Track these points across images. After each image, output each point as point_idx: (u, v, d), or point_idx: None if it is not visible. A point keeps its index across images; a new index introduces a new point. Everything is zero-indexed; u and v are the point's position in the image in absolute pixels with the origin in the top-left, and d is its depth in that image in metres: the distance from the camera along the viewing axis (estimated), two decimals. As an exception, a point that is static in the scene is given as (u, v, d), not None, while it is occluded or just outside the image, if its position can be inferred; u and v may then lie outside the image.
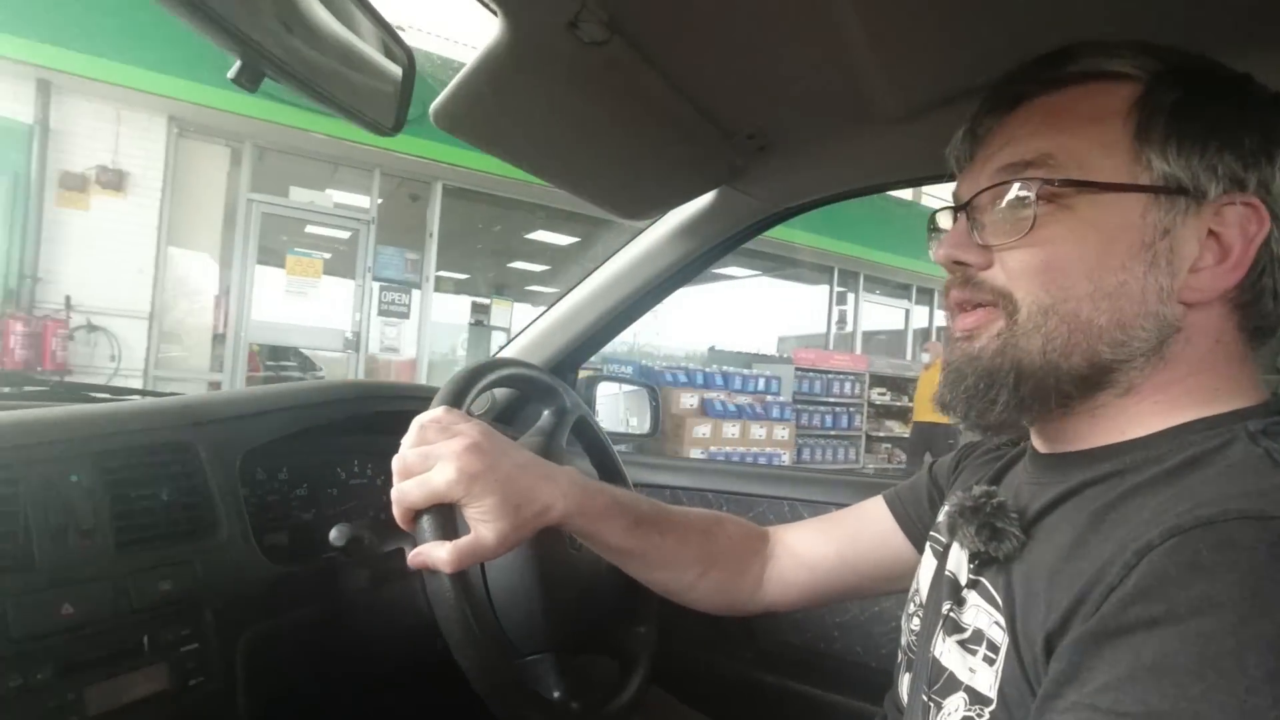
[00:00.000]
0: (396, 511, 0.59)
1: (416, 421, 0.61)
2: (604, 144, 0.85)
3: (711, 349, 8.21)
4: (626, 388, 1.44)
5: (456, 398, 0.69)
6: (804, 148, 0.96)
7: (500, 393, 1.24)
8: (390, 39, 0.63)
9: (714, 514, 0.80)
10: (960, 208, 0.54)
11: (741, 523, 0.81)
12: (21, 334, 5.13)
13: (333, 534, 0.69)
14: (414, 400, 0.97)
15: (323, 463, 0.89)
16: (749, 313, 10.25)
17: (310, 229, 6.85)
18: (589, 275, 1.22)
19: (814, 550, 0.78)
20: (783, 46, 0.71)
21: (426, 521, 0.58)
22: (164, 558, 0.65)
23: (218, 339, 6.13)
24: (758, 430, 6.72)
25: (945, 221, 0.59)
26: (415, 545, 0.58)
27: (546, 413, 0.88)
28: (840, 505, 0.83)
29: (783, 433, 6.95)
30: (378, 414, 0.93)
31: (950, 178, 0.60)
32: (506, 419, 1.24)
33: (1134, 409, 0.49)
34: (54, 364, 5.20)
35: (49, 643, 0.55)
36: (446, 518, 0.58)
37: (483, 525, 0.58)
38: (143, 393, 0.94)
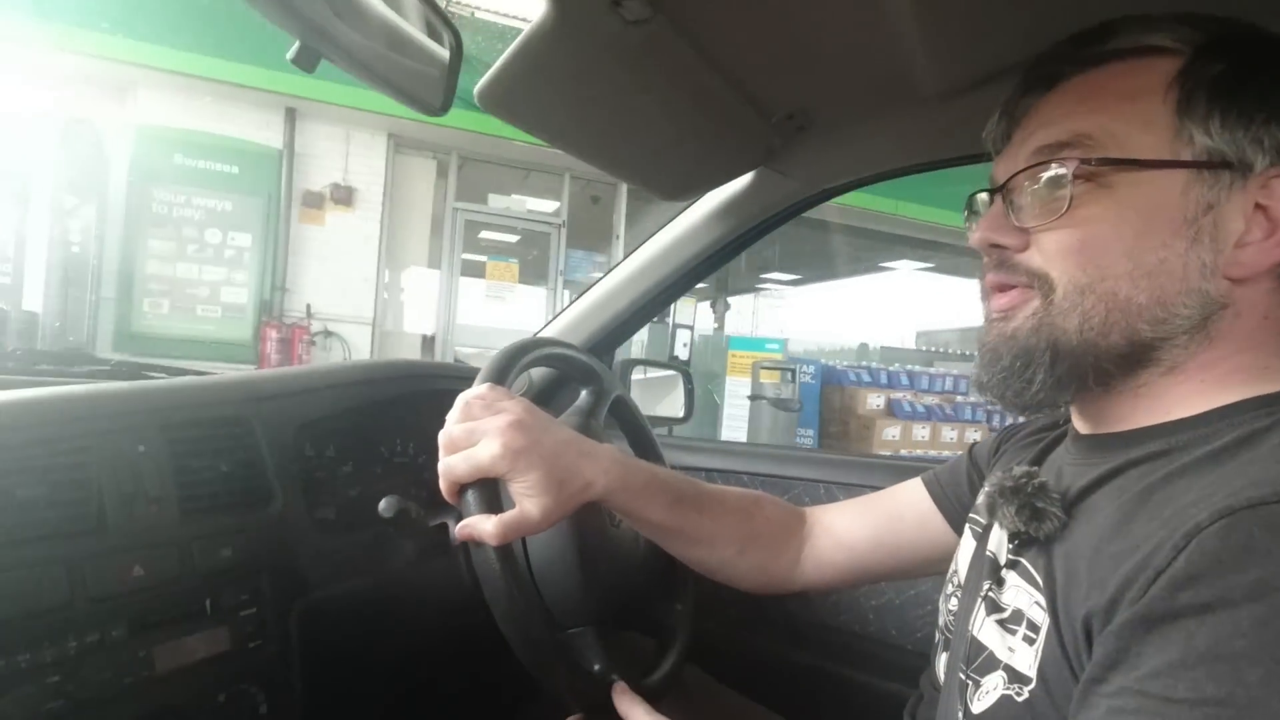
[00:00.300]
0: (443, 485, 0.61)
1: (461, 398, 0.63)
2: (644, 124, 0.86)
3: (863, 345, 7.94)
4: (662, 372, 1.45)
5: (500, 375, 0.70)
6: (843, 128, 0.95)
7: (537, 374, 1.26)
8: (437, 19, 0.65)
9: (752, 493, 0.80)
10: (997, 190, 0.54)
11: (779, 503, 0.81)
12: (276, 340, 5.73)
13: (382, 505, 0.71)
14: (456, 380, 0.99)
15: (368, 441, 0.91)
16: (885, 305, 9.75)
17: (494, 236, 7.18)
18: (627, 257, 1.23)
19: (851, 531, 0.79)
20: (824, 24, 0.71)
21: (472, 495, 0.59)
22: (224, 526, 0.67)
23: (427, 342, 6.55)
24: (949, 432, 6.39)
25: (983, 204, 0.58)
26: (460, 520, 0.59)
27: (585, 393, 0.89)
28: (876, 488, 0.83)
29: (974, 435, 6.55)
30: (422, 393, 0.95)
31: (990, 158, 0.59)
32: (543, 400, 1.26)
33: (1179, 388, 0.48)
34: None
35: (122, 602, 0.58)
36: (491, 491, 0.60)
37: (527, 500, 0.59)
38: (195, 372, 0.97)
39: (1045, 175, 0.49)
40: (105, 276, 5.53)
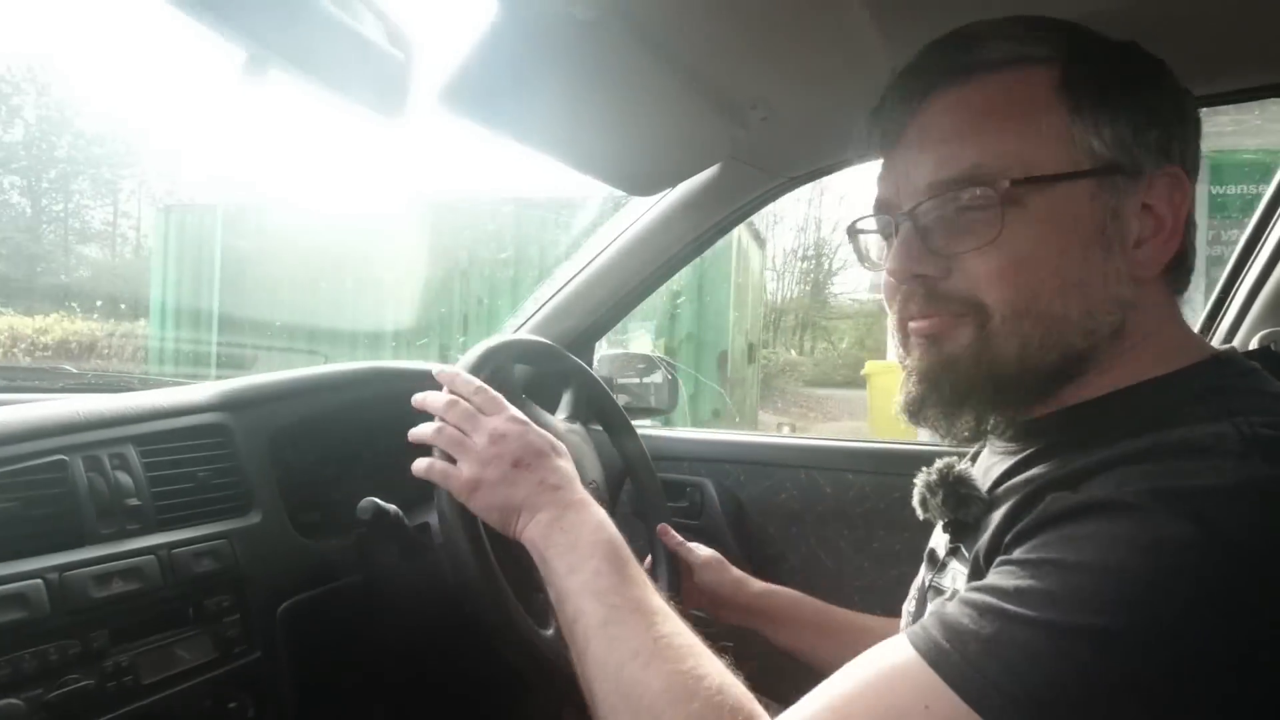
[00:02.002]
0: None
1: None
2: (606, 121, 0.87)
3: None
4: (645, 366, 1.46)
5: (476, 368, 0.74)
6: (807, 117, 0.96)
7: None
8: (392, 25, 0.65)
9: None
10: (900, 215, 0.52)
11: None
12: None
13: (360, 508, 0.72)
14: (420, 381, 0.99)
15: (348, 444, 0.92)
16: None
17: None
18: (598, 253, 1.23)
19: None
20: (782, 15, 0.72)
21: None
22: (204, 534, 0.68)
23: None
24: None
25: (879, 229, 0.57)
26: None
27: (566, 394, 0.92)
28: (859, 474, 0.85)
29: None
30: (392, 394, 0.95)
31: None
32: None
33: (1095, 382, 0.50)
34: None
35: (104, 612, 0.59)
36: None
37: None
38: (175, 382, 0.97)
39: (963, 200, 0.48)
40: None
